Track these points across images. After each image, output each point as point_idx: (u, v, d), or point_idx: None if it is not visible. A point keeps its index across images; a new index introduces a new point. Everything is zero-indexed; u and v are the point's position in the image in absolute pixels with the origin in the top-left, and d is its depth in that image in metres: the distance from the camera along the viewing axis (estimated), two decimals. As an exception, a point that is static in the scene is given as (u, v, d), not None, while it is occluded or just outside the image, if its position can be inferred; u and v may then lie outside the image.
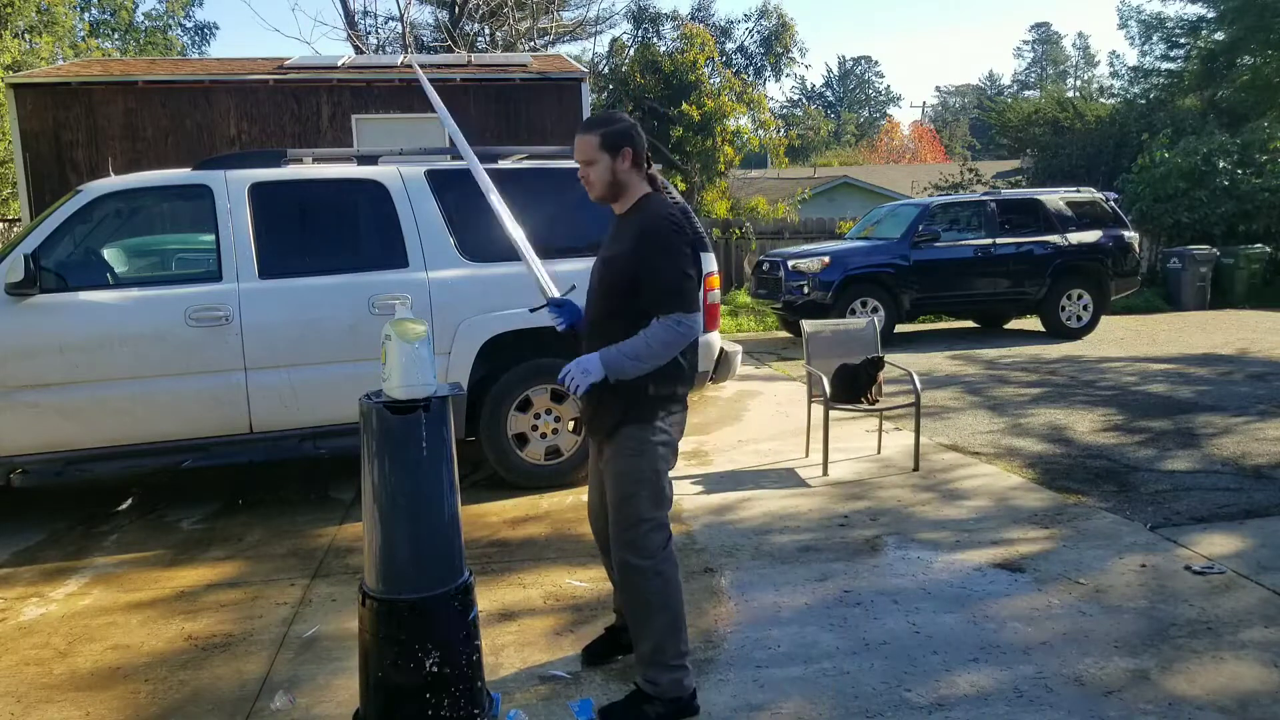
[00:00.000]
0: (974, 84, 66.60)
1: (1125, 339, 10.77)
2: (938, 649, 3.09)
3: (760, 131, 18.95)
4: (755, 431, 6.48)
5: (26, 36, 19.92)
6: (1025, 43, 72.96)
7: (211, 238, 4.64)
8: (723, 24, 26.14)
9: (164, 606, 3.67)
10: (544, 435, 5.09)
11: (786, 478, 5.26)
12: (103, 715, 2.84)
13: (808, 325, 5.80)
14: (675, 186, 6.71)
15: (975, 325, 12.31)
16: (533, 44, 22.78)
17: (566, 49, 25.09)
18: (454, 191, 5.01)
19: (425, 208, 4.91)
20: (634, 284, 2.63)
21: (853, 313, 10.12)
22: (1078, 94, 33.20)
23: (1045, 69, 64.78)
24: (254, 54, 18.29)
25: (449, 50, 21.05)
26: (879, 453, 5.75)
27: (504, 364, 4.98)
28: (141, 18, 27.10)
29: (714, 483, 5.19)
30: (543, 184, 5.24)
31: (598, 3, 35.44)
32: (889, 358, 5.65)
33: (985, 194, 11.97)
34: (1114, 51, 71.55)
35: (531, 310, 3.17)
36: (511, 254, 4.95)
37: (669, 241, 2.60)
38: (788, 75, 33.17)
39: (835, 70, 67.04)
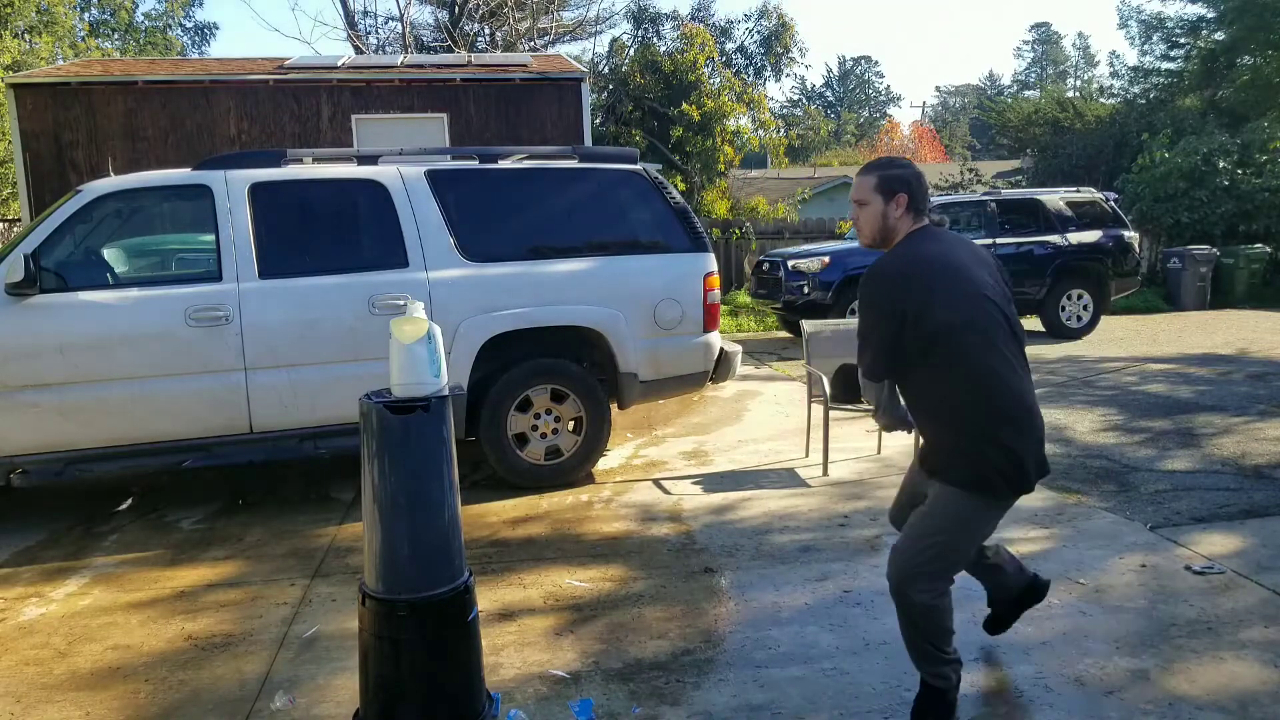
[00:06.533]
0: (974, 84, 66.61)
1: (1125, 339, 10.77)
2: (938, 649, 3.09)
3: (760, 131, 18.96)
4: (755, 431, 6.48)
5: (26, 36, 19.93)
6: (1025, 43, 72.99)
7: (211, 238, 4.64)
8: (723, 24, 26.16)
9: (164, 606, 3.67)
10: (544, 435, 5.09)
11: (786, 478, 5.26)
12: (103, 715, 2.84)
13: (808, 325, 5.80)
14: (675, 186, 6.74)
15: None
16: (533, 44, 22.78)
17: (566, 49, 25.09)
18: (454, 191, 5.01)
19: (425, 208, 4.91)
20: None
21: (853, 313, 10.10)
22: (1078, 94, 33.15)
23: (1045, 69, 64.73)
24: (254, 54, 18.31)
25: (449, 50, 21.06)
26: (879, 453, 5.75)
27: (504, 364, 4.98)
28: (141, 18, 27.15)
29: (714, 483, 5.19)
30: (542, 184, 5.25)
31: (598, 3, 35.46)
32: (889, 358, 5.63)
33: (985, 194, 11.97)
34: (1114, 51, 71.37)
35: None
36: (509, 254, 5.01)
37: (865, 291, 2.60)
38: (788, 75, 33.27)
39: (835, 70, 67.02)
